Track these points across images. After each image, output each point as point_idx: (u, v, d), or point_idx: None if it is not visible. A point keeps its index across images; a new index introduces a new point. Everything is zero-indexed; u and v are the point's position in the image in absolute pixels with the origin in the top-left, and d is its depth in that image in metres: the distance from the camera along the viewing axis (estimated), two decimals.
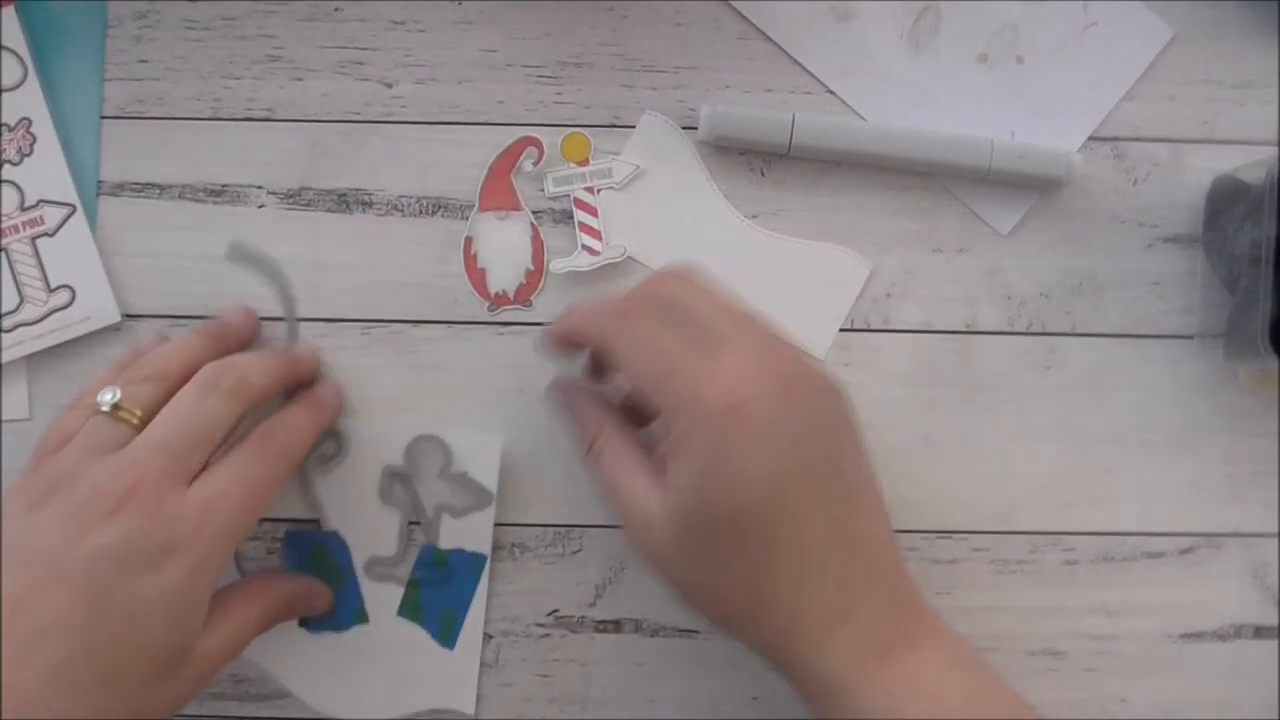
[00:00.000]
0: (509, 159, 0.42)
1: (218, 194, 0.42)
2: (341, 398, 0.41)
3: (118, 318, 0.42)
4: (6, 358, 0.41)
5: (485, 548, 0.41)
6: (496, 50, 0.43)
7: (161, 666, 0.33)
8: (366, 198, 0.42)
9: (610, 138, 0.43)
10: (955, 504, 0.43)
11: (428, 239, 0.42)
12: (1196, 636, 0.43)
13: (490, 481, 0.41)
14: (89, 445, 0.35)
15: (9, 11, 0.42)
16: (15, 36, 0.42)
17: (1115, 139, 0.43)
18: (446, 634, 0.41)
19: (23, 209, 0.41)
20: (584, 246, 0.42)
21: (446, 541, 0.41)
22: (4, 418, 0.42)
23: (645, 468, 0.35)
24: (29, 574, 0.32)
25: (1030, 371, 0.43)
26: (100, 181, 0.42)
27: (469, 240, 0.42)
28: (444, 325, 0.42)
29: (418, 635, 0.41)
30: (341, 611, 0.41)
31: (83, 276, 0.42)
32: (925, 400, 0.43)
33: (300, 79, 0.42)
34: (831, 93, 0.43)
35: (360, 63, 0.42)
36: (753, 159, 0.43)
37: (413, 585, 0.41)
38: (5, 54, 0.42)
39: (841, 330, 0.43)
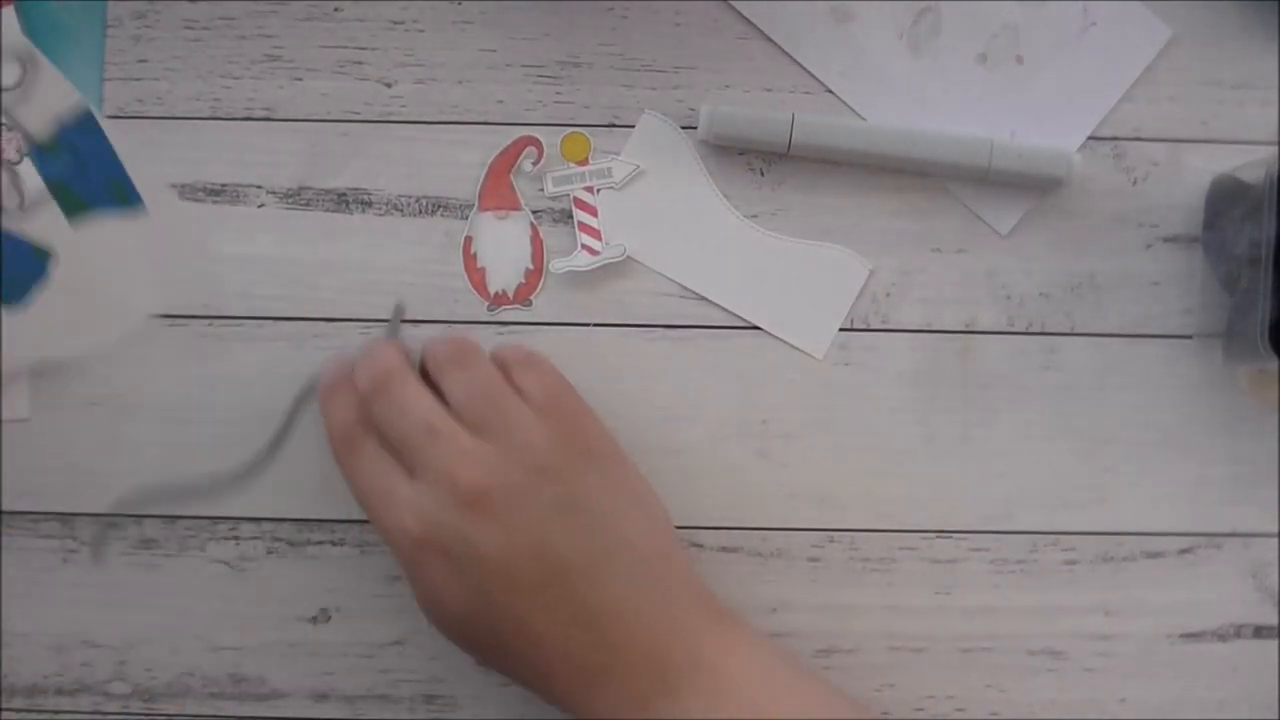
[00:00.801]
0: (508, 159, 0.42)
1: (217, 193, 0.42)
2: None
3: None
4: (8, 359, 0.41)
5: (71, 94, 0.38)
6: (496, 50, 0.43)
7: None
8: (366, 197, 0.42)
9: (610, 138, 0.43)
10: (954, 504, 0.43)
11: (427, 239, 0.42)
12: (1196, 636, 0.43)
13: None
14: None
15: (8, 11, 0.42)
16: (15, 37, 0.42)
17: (1115, 139, 0.43)
18: (124, 196, 0.38)
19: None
20: (583, 246, 0.42)
21: (40, 131, 0.38)
22: (4, 418, 0.42)
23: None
24: None
25: (1029, 371, 0.43)
26: None
27: (468, 240, 0.42)
28: (444, 325, 0.42)
29: (111, 225, 0.38)
30: (18, 272, 0.37)
31: None
32: (925, 400, 0.43)
33: (300, 79, 0.42)
34: (831, 93, 0.43)
35: (360, 62, 0.42)
36: (752, 159, 0.43)
37: (57, 189, 0.37)
38: (4, 54, 0.42)
39: (841, 330, 0.43)
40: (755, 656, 0.37)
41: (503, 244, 0.42)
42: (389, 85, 0.42)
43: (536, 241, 0.42)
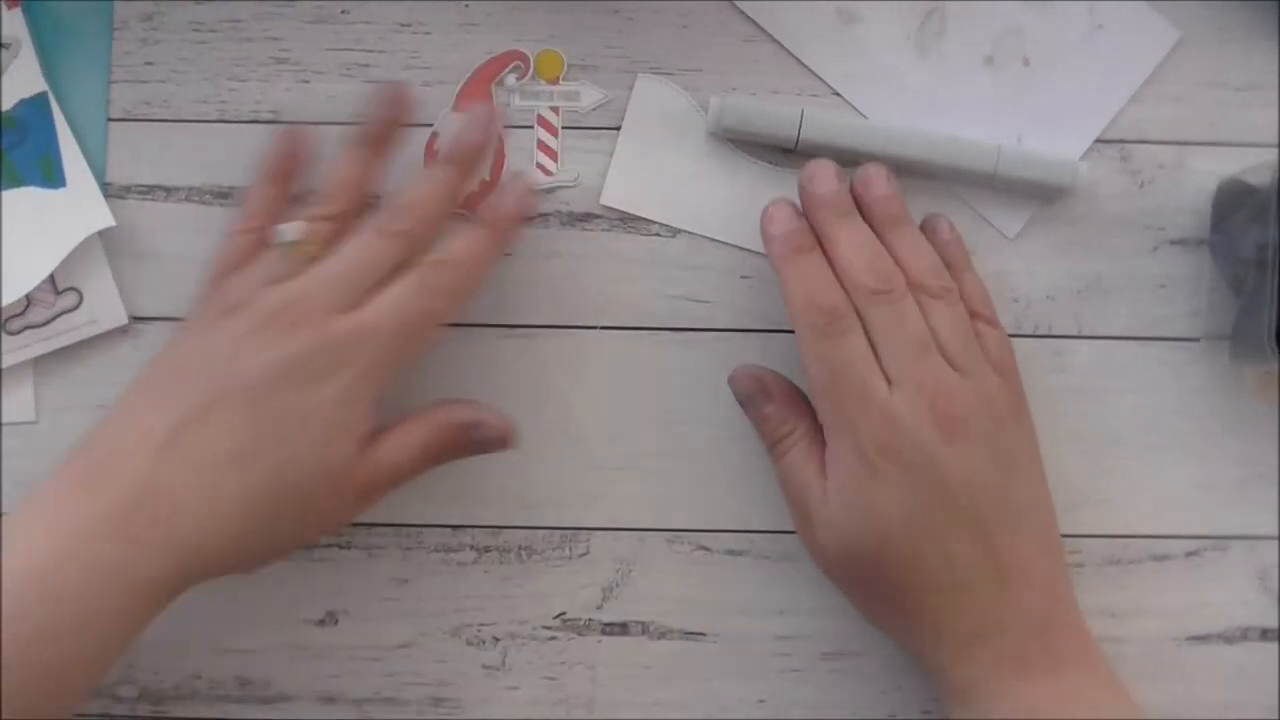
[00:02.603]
0: (494, 68, 0.42)
1: (224, 196, 0.42)
2: (527, 196, 0.40)
3: (125, 320, 0.42)
4: (13, 360, 0.41)
5: (39, 83, 0.41)
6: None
7: (321, 481, 0.36)
8: (373, 200, 0.42)
9: (614, 140, 0.43)
10: None
11: None
12: (1202, 639, 0.43)
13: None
14: (266, 276, 0.37)
15: (14, 13, 0.42)
16: (21, 38, 0.41)
17: (1121, 142, 0.43)
18: (51, 176, 0.41)
19: None
20: (538, 165, 0.42)
21: (5, 102, 0.41)
22: (10, 420, 0.42)
23: (823, 479, 0.38)
24: (204, 384, 0.35)
25: (1036, 374, 0.43)
26: (106, 184, 0.42)
27: (434, 136, 0.42)
28: (451, 327, 0.42)
29: (29, 195, 0.41)
30: None
31: (90, 279, 0.42)
32: None
33: (306, 81, 0.42)
34: (837, 95, 0.43)
35: (366, 65, 0.42)
36: (759, 157, 0.43)
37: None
38: (6, 50, 0.41)
39: None
40: (1098, 651, 0.39)
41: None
42: None
43: (499, 155, 0.42)
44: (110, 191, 0.42)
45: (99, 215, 0.41)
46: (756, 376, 0.40)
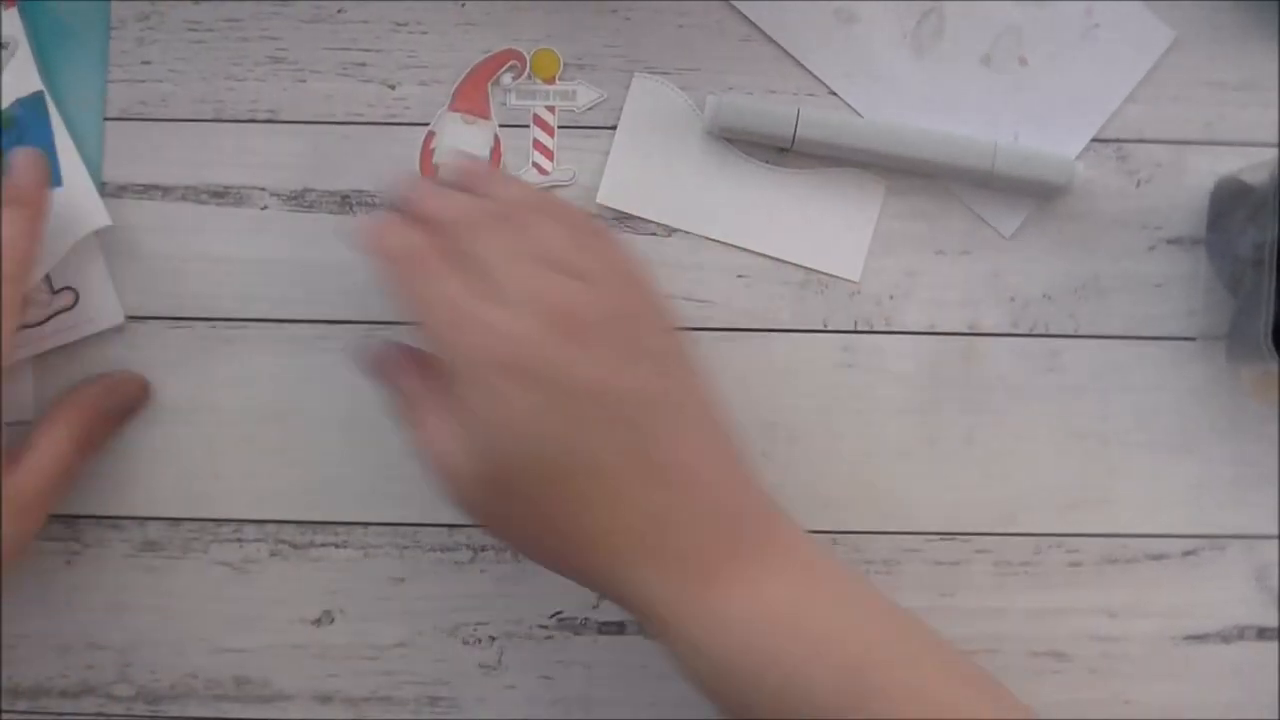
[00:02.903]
0: (490, 67, 0.42)
1: (220, 195, 0.42)
2: (35, 161, 0.39)
3: (121, 319, 0.42)
4: (10, 359, 0.41)
5: (36, 82, 0.41)
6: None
7: None
8: (369, 199, 0.42)
9: (611, 139, 0.43)
10: (958, 505, 0.43)
11: None
12: (1200, 638, 0.43)
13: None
14: None
15: (11, 13, 0.42)
16: (18, 38, 0.42)
17: (1118, 141, 0.43)
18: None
19: None
20: (534, 164, 0.42)
21: (2, 101, 0.41)
22: (9, 420, 0.42)
23: (449, 421, 0.34)
24: None
25: (1033, 373, 0.43)
26: (103, 183, 0.42)
27: (430, 135, 0.42)
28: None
29: None
30: None
31: (86, 278, 0.41)
32: (928, 402, 0.43)
33: (303, 80, 0.42)
34: (835, 94, 0.43)
35: (363, 64, 0.42)
36: (755, 156, 0.43)
37: None
38: (7, 55, 0.42)
39: (845, 332, 0.43)
40: (816, 543, 0.36)
41: (463, 147, 0.42)
42: (392, 87, 0.42)
43: (495, 154, 0.42)
44: (106, 191, 0.42)
45: (95, 215, 0.41)
46: (382, 352, 0.38)
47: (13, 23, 0.41)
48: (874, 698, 0.32)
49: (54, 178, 0.41)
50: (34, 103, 0.41)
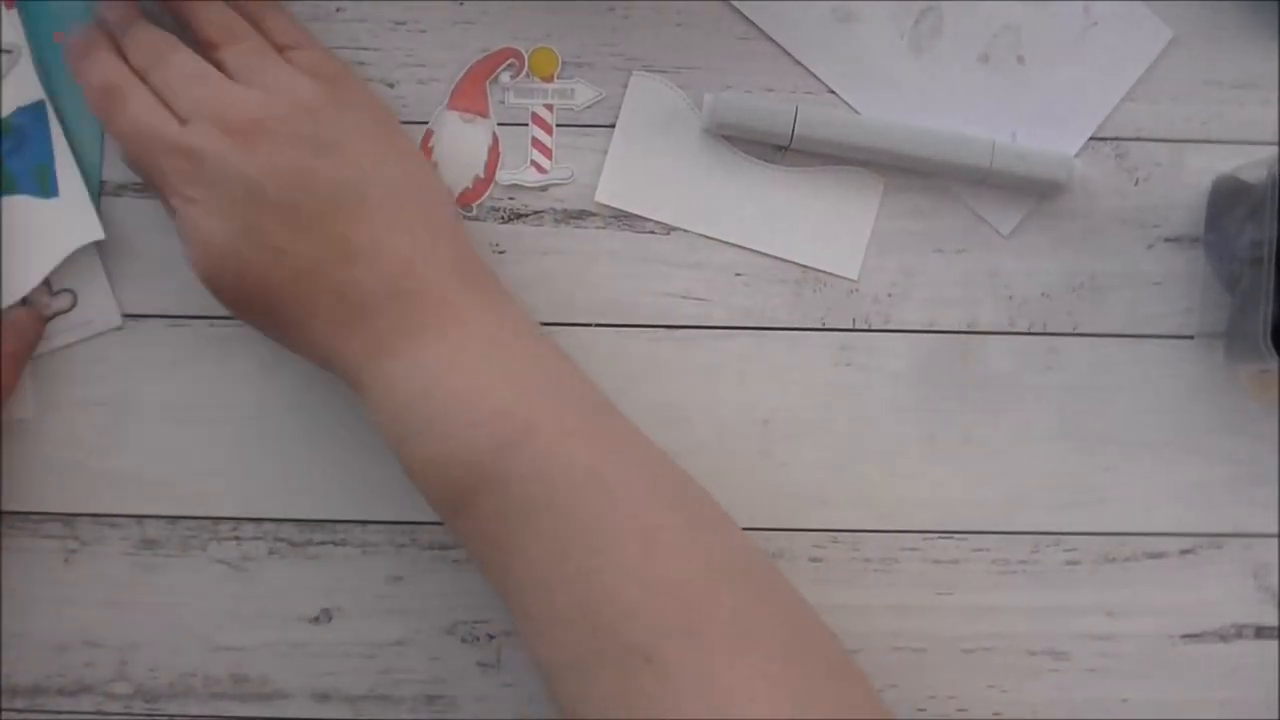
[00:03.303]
0: (489, 65, 0.42)
1: None
2: (31, 326, 0.41)
3: (119, 321, 0.42)
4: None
5: (37, 91, 0.41)
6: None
7: None
8: None
9: (609, 137, 0.43)
10: (956, 504, 0.43)
11: None
12: (1197, 637, 0.43)
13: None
14: None
15: (12, 15, 0.42)
16: (18, 38, 0.41)
17: (1116, 139, 0.43)
18: (45, 185, 0.41)
19: None
20: (533, 162, 0.42)
21: (4, 108, 0.41)
22: (6, 417, 0.42)
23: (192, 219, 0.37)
24: None
25: (1031, 372, 0.43)
26: (103, 182, 0.42)
27: (429, 133, 0.42)
28: None
29: (23, 204, 0.41)
30: None
31: (85, 281, 0.42)
32: (926, 400, 0.43)
33: None
34: (833, 93, 0.43)
35: (362, 63, 0.42)
36: (753, 154, 0.43)
37: None
38: (6, 55, 0.41)
39: (843, 330, 0.43)
40: (505, 314, 0.38)
41: (460, 146, 0.42)
42: (391, 85, 0.42)
43: (494, 152, 0.42)
44: (106, 189, 0.42)
45: (89, 228, 0.41)
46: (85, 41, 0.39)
47: (13, 26, 0.41)
48: (529, 434, 0.34)
49: (51, 188, 0.41)
50: (35, 111, 0.41)
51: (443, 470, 0.35)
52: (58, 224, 0.41)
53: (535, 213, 0.42)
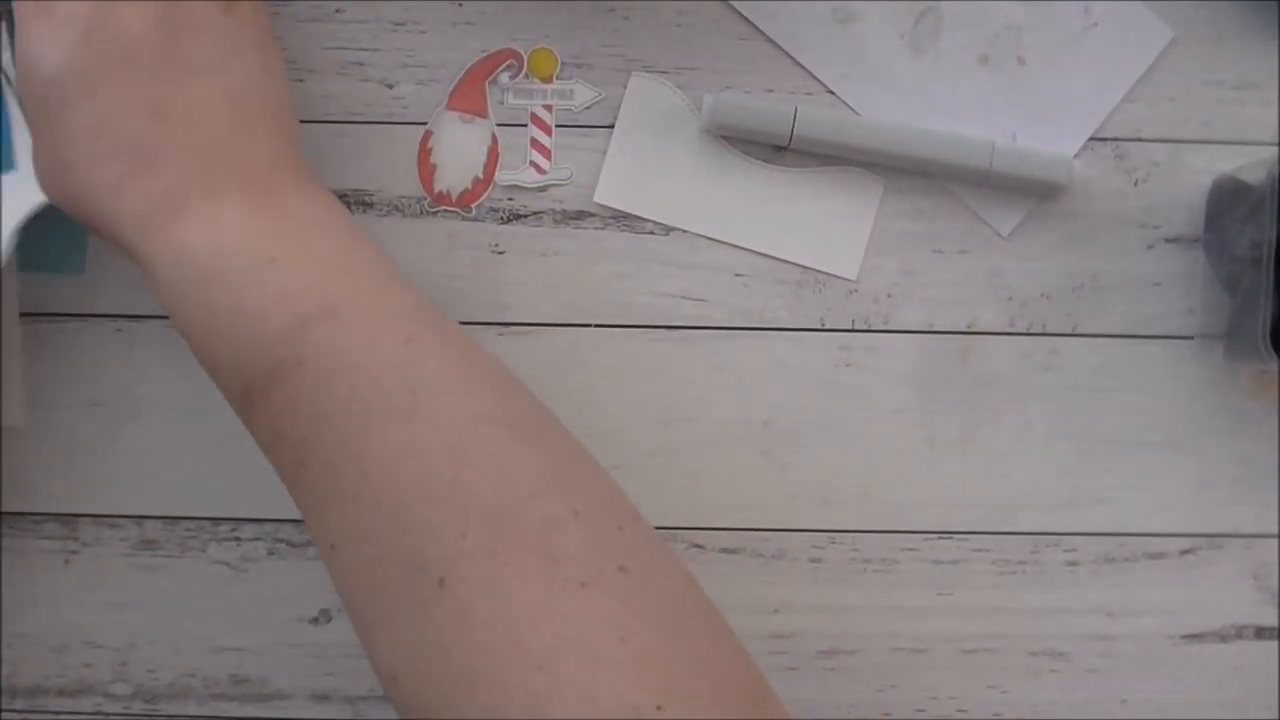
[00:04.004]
0: (488, 66, 0.42)
1: None
2: None
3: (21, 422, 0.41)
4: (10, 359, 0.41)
5: None
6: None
7: None
8: (368, 198, 0.42)
9: (609, 138, 0.43)
10: (956, 504, 0.43)
11: (429, 239, 0.42)
12: (1197, 637, 0.43)
13: None
14: None
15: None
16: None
17: (1116, 140, 0.43)
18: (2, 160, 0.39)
19: None
20: (532, 163, 0.42)
21: None
22: (4, 424, 0.42)
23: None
24: None
25: (1031, 372, 0.43)
26: None
27: (428, 134, 0.42)
28: None
29: None
30: None
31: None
32: (926, 401, 0.43)
33: (301, 80, 0.42)
34: (832, 94, 0.43)
35: (361, 64, 0.42)
36: (752, 155, 0.43)
37: None
38: (6, 56, 0.41)
39: (842, 331, 0.43)
40: (324, 204, 0.35)
41: (460, 146, 0.42)
42: (391, 86, 0.42)
43: (493, 152, 0.42)
44: None
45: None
46: None
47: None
48: (329, 314, 0.31)
49: (7, 162, 0.39)
50: None
51: (232, 351, 0.32)
52: (12, 195, 0.39)
53: (534, 213, 0.42)
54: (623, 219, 0.42)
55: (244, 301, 0.32)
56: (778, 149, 0.42)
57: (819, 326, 0.43)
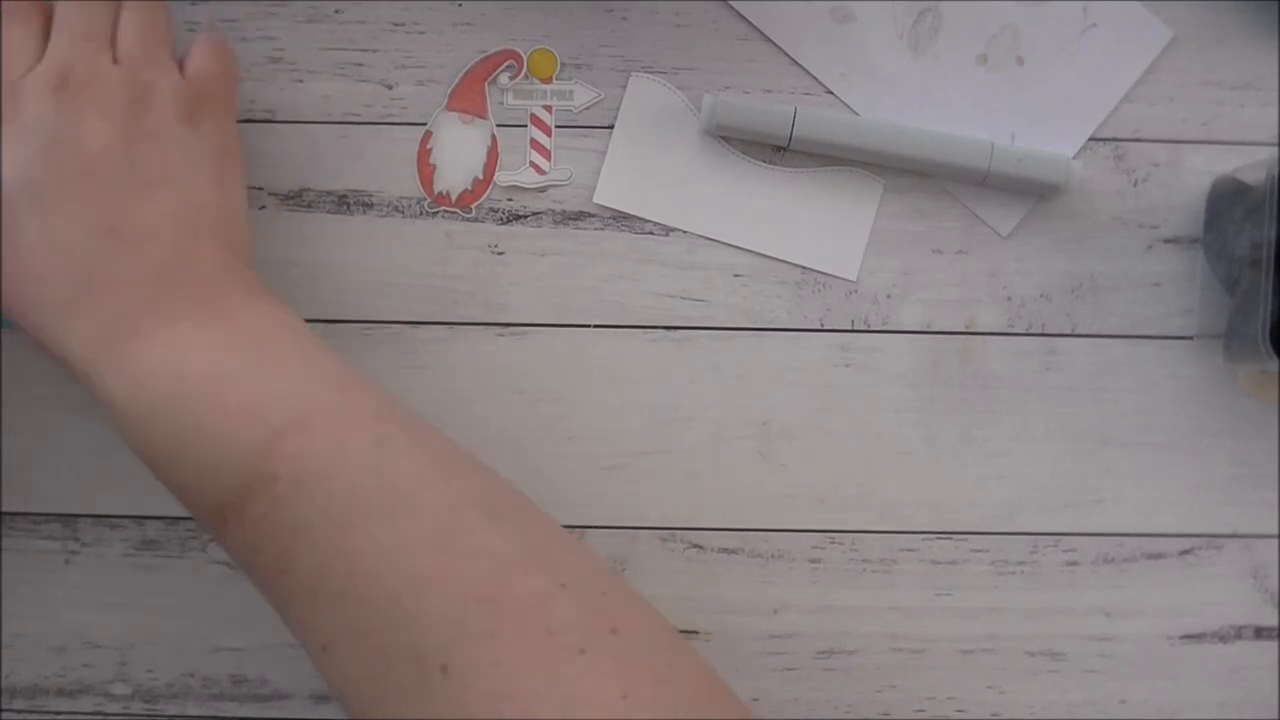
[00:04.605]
0: (488, 66, 0.42)
1: None
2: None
3: None
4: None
5: None
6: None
7: None
8: (367, 199, 0.42)
9: (608, 138, 0.43)
10: (955, 505, 0.43)
11: (428, 240, 0.42)
12: (1196, 638, 0.43)
13: None
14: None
15: None
16: None
17: (1115, 140, 0.43)
18: None
19: None
20: (531, 164, 0.42)
21: None
22: (5, 431, 0.42)
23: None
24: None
25: (1030, 373, 0.43)
26: None
27: (428, 134, 0.42)
28: (445, 326, 0.42)
29: None
30: None
31: None
32: (925, 401, 0.43)
33: (301, 81, 0.42)
34: (831, 94, 0.43)
35: (360, 64, 0.42)
36: (752, 155, 0.43)
37: None
38: None
39: (841, 331, 0.43)
40: (281, 317, 0.35)
41: (459, 147, 0.42)
42: (390, 87, 0.42)
43: (493, 153, 0.42)
44: None
45: None
46: None
47: None
48: (302, 426, 0.31)
49: None
50: None
51: (201, 473, 0.32)
52: None
53: (534, 214, 0.42)
54: (622, 219, 0.42)
55: (208, 422, 0.32)
56: (777, 149, 0.42)
57: (818, 327, 0.43)
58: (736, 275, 0.43)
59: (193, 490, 0.32)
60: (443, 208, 0.42)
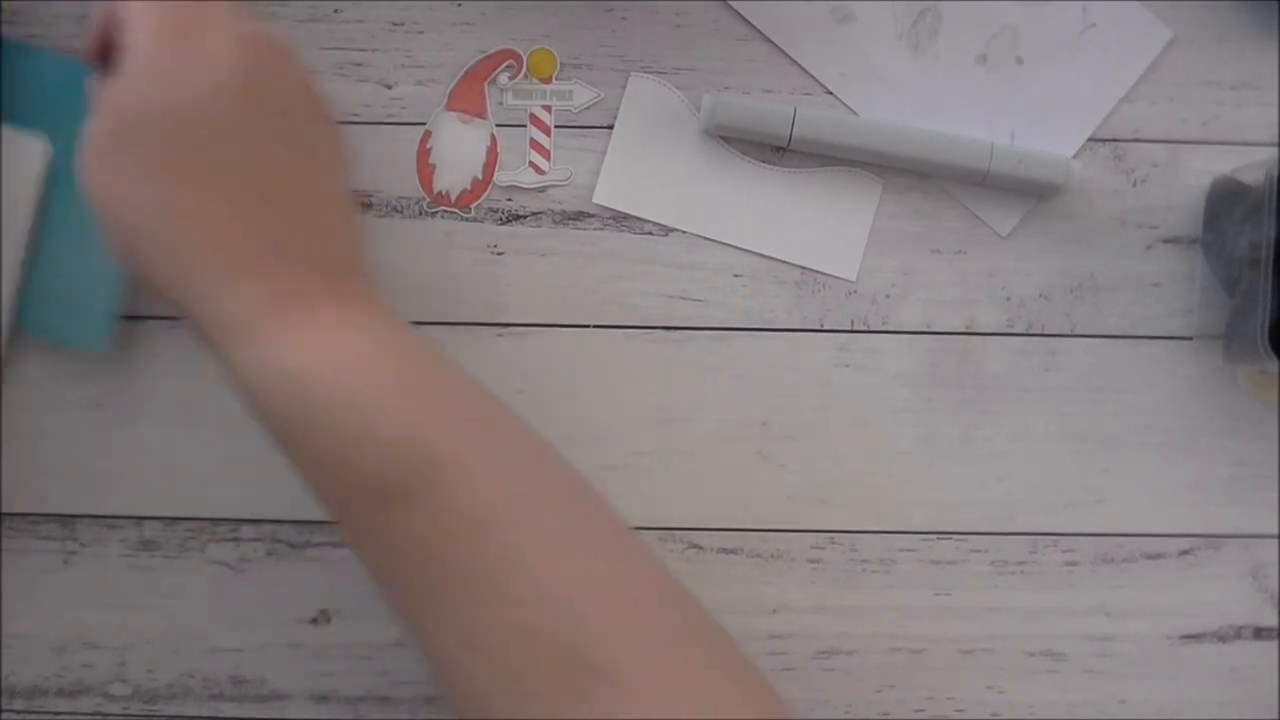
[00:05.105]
0: (487, 66, 0.42)
1: None
2: None
3: None
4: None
5: None
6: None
7: None
8: (366, 199, 0.42)
9: (607, 139, 0.43)
10: (954, 505, 0.43)
11: (427, 240, 0.42)
12: (1196, 638, 0.43)
13: None
14: None
15: None
16: None
17: (1114, 140, 0.43)
18: None
19: None
20: (531, 164, 0.42)
21: None
22: (5, 431, 0.42)
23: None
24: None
25: (1029, 373, 0.43)
26: None
27: (427, 134, 0.42)
28: (445, 326, 0.42)
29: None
30: None
31: None
32: (924, 401, 0.43)
33: None
34: (831, 94, 0.43)
35: (360, 64, 0.42)
36: (751, 155, 0.43)
37: None
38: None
39: (841, 331, 0.43)
40: (382, 313, 0.35)
41: (459, 147, 0.42)
42: (389, 87, 0.42)
43: (492, 153, 0.42)
44: None
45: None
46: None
47: None
48: (436, 469, 0.31)
49: None
50: None
51: (361, 447, 0.31)
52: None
53: (533, 214, 0.42)
54: (622, 219, 0.42)
55: (385, 397, 0.31)
56: (777, 149, 0.42)
57: (818, 327, 0.43)
58: (736, 275, 0.43)
59: (346, 466, 0.31)
60: (442, 208, 0.42)
